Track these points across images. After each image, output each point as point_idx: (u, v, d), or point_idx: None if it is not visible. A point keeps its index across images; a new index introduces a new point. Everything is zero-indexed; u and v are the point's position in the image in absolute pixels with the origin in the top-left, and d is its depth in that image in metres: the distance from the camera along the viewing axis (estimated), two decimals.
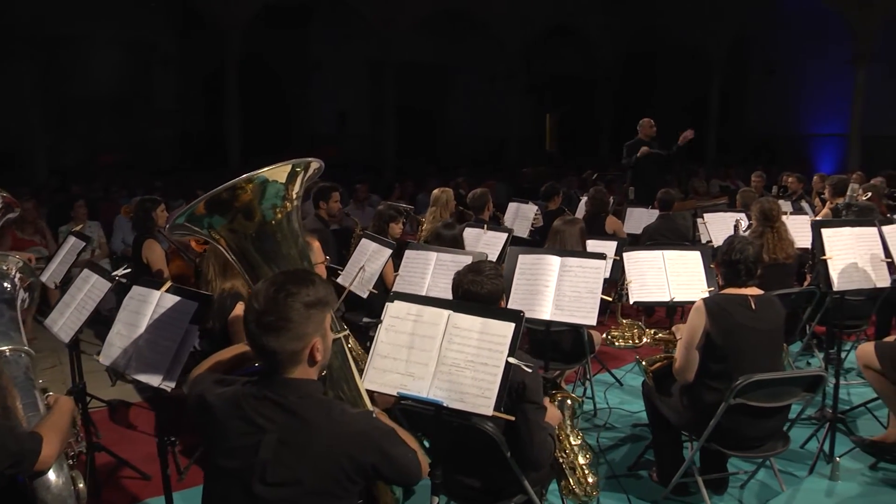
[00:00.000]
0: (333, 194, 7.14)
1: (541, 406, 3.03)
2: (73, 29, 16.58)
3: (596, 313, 3.94)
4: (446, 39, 21.28)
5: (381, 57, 19.36)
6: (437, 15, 19.81)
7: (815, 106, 21.20)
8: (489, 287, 3.13)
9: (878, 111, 19.00)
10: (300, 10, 19.80)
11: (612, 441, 5.01)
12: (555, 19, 21.45)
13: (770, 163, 19.15)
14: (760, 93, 22.70)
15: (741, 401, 3.54)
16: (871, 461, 4.47)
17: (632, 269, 4.86)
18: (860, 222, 4.86)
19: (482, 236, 6.29)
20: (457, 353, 2.87)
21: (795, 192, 11.17)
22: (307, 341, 2.15)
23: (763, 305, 3.74)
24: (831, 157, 20.55)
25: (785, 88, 21.77)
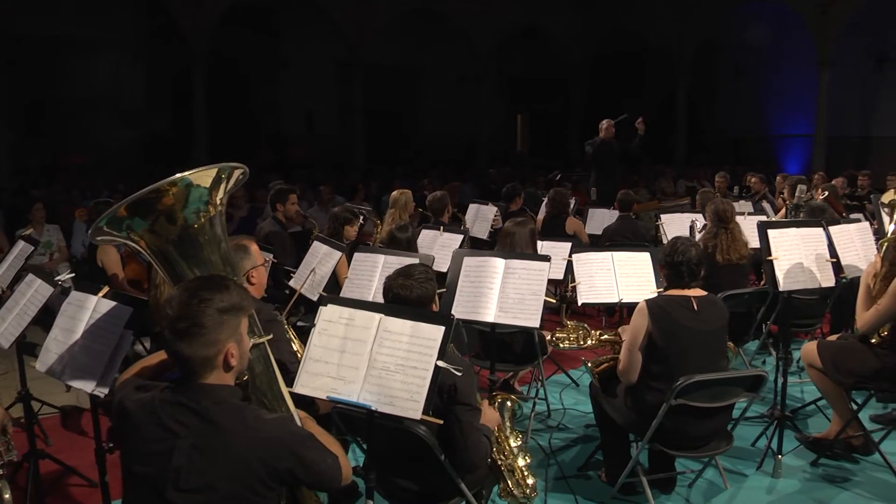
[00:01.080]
0: (290, 196, 7.10)
1: (473, 408, 3.02)
2: (38, 29, 16.39)
3: (539, 315, 3.94)
4: (416, 40, 21.31)
5: (350, 58, 19.34)
6: (407, 16, 19.82)
7: (782, 108, 21.47)
8: (419, 291, 3.12)
9: (841, 113, 19.30)
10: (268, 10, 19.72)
11: (564, 442, 5.02)
12: (524, 20, 21.51)
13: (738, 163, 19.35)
14: (729, 94, 22.94)
15: (682, 401, 3.55)
16: (815, 458, 4.50)
17: (581, 271, 4.87)
18: (806, 223, 4.89)
19: (438, 238, 6.28)
20: (387, 356, 2.86)
21: (758, 193, 11.26)
22: (220, 347, 2.13)
23: (705, 306, 3.76)
24: (798, 158, 20.80)
25: (753, 90, 22.03)
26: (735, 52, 22.32)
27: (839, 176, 14.66)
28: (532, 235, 5.14)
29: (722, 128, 23.20)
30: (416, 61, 22.08)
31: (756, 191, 11.33)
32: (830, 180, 13.64)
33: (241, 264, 3.67)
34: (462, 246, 6.07)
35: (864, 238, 5.37)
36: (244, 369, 2.30)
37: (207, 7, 16.64)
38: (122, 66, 18.65)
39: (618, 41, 22.72)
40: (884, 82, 19.74)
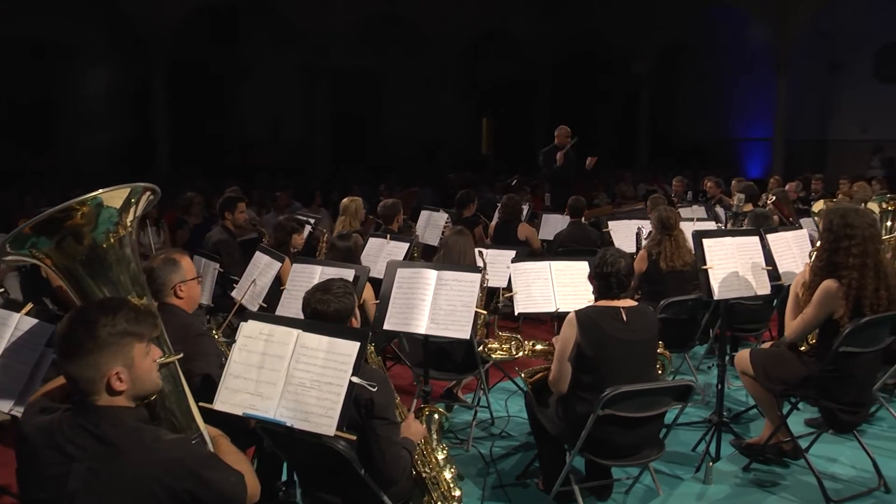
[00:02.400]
0: (239, 205, 7.08)
1: (391, 422, 3.03)
2: None
3: (470, 327, 3.96)
4: (381, 45, 21.24)
5: (313, 62, 19.27)
6: (371, 20, 19.80)
7: (743, 112, 21.76)
8: (336, 305, 3.13)
9: (799, 117, 19.59)
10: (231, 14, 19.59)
11: (506, 450, 5.04)
12: (488, 24, 21.57)
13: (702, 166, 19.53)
14: (691, 98, 23.16)
15: (610, 412, 3.58)
16: (747, 463, 4.56)
17: (518, 281, 4.89)
18: (742, 232, 4.97)
19: (385, 246, 6.27)
20: (303, 372, 2.88)
21: (713, 197, 11.38)
22: (104, 370, 2.12)
23: (634, 317, 3.79)
24: (759, 161, 21.07)
25: (715, 94, 22.27)
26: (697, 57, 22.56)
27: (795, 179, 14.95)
28: (471, 245, 5.16)
29: (684, 131, 23.43)
30: (382, 65, 22.02)
31: (712, 195, 11.44)
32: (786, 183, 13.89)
33: (169, 278, 3.65)
34: (408, 254, 6.08)
35: (801, 245, 5.47)
36: (146, 392, 2.28)
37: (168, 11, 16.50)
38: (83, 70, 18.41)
39: (581, 45, 22.87)
40: (837, 87, 20.08)
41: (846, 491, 4.29)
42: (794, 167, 18.19)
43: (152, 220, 9.22)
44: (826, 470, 4.55)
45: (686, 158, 21.76)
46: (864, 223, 3.95)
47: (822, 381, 4.00)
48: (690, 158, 21.71)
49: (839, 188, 12.86)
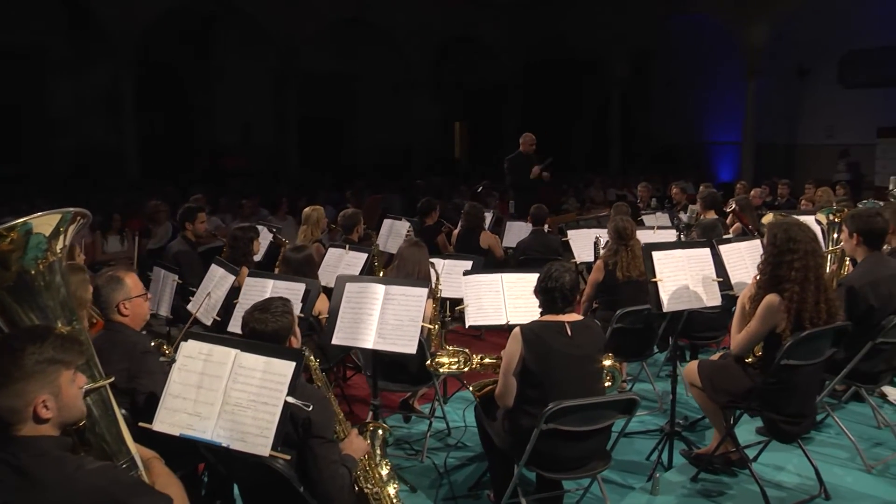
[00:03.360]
0: (199, 215, 7.08)
1: (329, 440, 3.05)
2: None
3: (416, 341, 3.98)
4: (351, 49, 21.23)
5: (284, 67, 19.22)
6: (341, 25, 19.78)
7: (714, 116, 21.98)
8: (274, 325, 3.14)
9: (768, 121, 19.84)
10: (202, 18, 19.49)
11: (460, 461, 5.06)
12: (459, 28, 21.62)
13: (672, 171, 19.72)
14: (663, 103, 23.34)
15: (553, 426, 3.61)
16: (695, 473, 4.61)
17: (469, 293, 4.92)
18: (692, 244, 5.03)
19: (344, 256, 6.28)
20: (240, 392, 2.90)
21: (679, 203, 11.46)
22: (28, 399, 2.12)
23: (579, 331, 3.82)
24: (730, 165, 21.28)
25: (685, 98, 22.47)
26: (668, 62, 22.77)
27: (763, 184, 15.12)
28: (425, 257, 5.18)
29: (656, 135, 23.62)
30: (352, 70, 21.98)
31: (677, 201, 11.53)
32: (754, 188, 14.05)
33: (112, 296, 3.66)
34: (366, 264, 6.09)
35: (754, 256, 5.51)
36: (72, 419, 2.29)
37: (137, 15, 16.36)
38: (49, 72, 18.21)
39: (553, 50, 22.98)
40: (805, 92, 20.35)
41: (789, 499, 4.38)
42: (764, 171, 18.44)
43: (116, 228, 9.18)
44: (772, 478, 4.63)
45: (658, 162, 21.98)
46: (807, 238, 4.01)
47: (765, 393, 4.06)
48: (662, 162, 21.93)
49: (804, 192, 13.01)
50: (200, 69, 20.05)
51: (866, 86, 19.01)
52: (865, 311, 4.67)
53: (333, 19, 19.33)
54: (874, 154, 18.18)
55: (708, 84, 21.69)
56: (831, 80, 19.90)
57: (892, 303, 4.73)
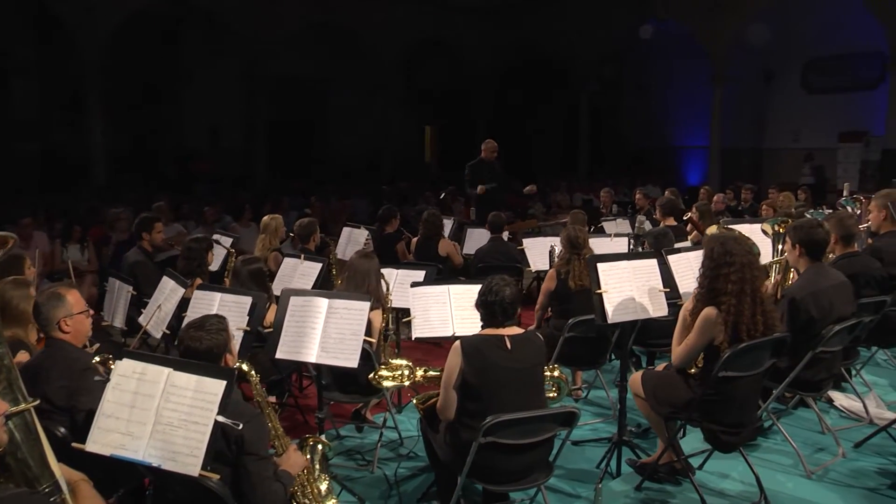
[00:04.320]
0: (156, 225, 7.05)
1: (262, 457, 3.06)
2: None
3: (358, 355, 4.00)
4: (322, 53, 21.22)
5: (253, 71, 19.17)
6: (311, 28, 19.76)
7: (682, 120, 22.21)
8: (208, 343, 3.16)
9: (735, 126, 20.08)
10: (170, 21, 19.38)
11: (411, 471, 5.08)
12: (429, 33, 21.68)
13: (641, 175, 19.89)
14: (632, 108, 23.54)
15: (492, 439, 3.64)
16: (639, 482, 4.67)
17: (416, 304, 4.94)
18: (638, 255, 5.08)
19: (299, 266, 6.29)
20: (172, 411, 2.91)
21: (642, 208, 11.55)
22: None
23: (519, 345, 3.86)
24: (698, 169, 21.52)
25: (654, 103, 22.70)
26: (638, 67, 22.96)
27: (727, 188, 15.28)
28: (374, 269, 5.21)
29: (626, 140, 23.81)
30: (323, 73, 21.98)
31: (640, 207, 11.62)
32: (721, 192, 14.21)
33: (53, 314, 3.66)
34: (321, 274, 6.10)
35: None
36: None
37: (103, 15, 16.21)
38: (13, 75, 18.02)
39: (523, 55, 23.11)
40: (772, 97, 20.62)
41: None
42: (731, 174, 18.66)
43: (76, 237, 9.12)
44: (716, 486, 4.70)
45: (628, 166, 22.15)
46: (743, 251, 4.08)
47: (704, 405, 4.12)
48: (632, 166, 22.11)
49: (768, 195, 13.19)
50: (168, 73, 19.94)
51: (828, 91, 19.33)
52: (806, 322, 4.75)
53: (303, 23, 19.31)
54: (836, 158, 18.45)
55: (676, 89, 21.96)
56: (795, 86, 20.23)
57: (833, 313, 4.81)
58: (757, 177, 19.48)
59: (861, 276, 5.68)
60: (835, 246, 5.77)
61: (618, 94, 23.76)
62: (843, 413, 6.01)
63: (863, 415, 5.85)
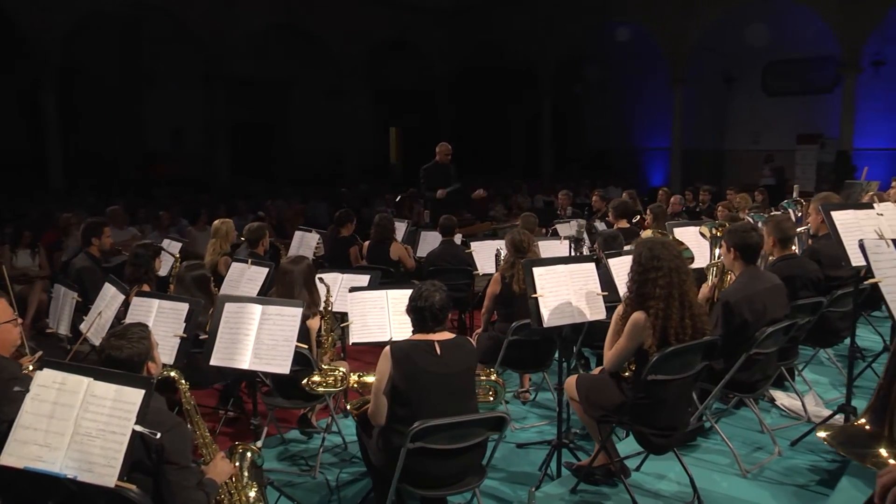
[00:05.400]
0: (105, 230, 7.01)
1: (183, 466, 3.07)
2: None
3: (290, 361, 4.02)
4: (284, 54, 21.16)
5: (215, 71, 19.07)
6: (274, 30, 19.70)
7: (645, 122, 22.44)
8: (129, 351, 3.16)
9: (698, 127, 20.34)
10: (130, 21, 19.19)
11: (353, 476, 5.11)
12: (391, 34, 21.70)
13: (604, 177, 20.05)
14: (595, 109, 23.72)
15: (421, 444, 3.68)
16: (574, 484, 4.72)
17: (354, 310, 4.97)
18: (575, 259, 5.14)
19: (246, 271, 6.29)
20: (91, 421, 2.90)
21: (599, 210, 11.66)
22: None
23: (449, 350, 3.89)
24: (661, 170, 21.75)
25: (617, 105, 22.90)
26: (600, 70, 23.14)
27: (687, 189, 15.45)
28: (309, 273, 5.23)
29: (590, 142, 24.00)
30: (286, 75, 21.92)
31: (597, 209, 11.72)
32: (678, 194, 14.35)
33: None
34: (267, 279, 6.10)
35: None
36: None
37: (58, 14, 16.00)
38: None
39: (487, 56, 23.21)
40: (732, 99, 20.90)
41: None
42: (693, 176, 18.91)
43: (26, 242, 9.03)
44: (652, 487, 4.76)
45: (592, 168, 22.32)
46: (670, 255, 4.14)
47: (635, 408, 4.18)
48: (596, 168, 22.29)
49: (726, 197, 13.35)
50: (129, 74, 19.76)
51: (787, 94, 19.64)
52: (740, 325, 4.83)
53: (265, 25, 19.26)
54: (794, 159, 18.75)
55: (638, 91, 22.19)
56: (756, 88, 20.52)
57: (766, 316, 4.89)
58: (719, 178, 19.74)
59: (798, 278, 5.79)
60: (773, 248, 5.87)
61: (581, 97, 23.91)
62: (783, 412, 6.11)
63: (802, 413, 5.94)
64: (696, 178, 17.64)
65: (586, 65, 23.22)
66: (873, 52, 17.17)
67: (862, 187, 10.72)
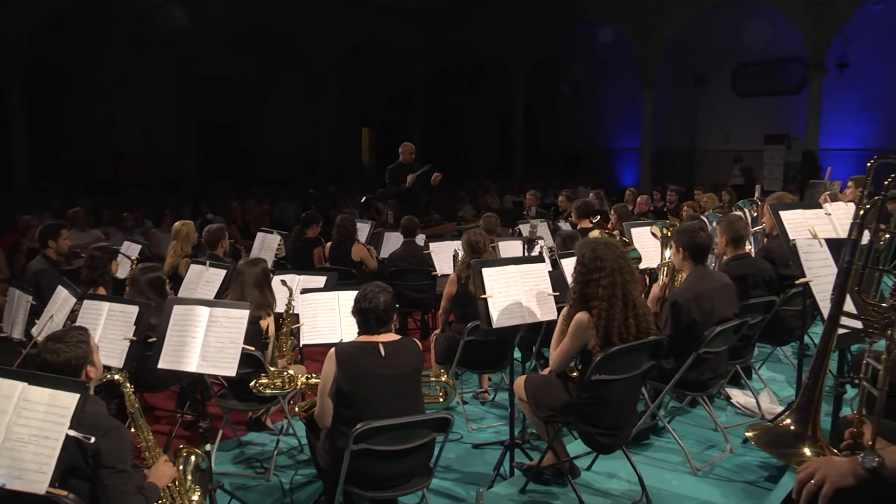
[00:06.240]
0: (62, 232, 6.96)
1: (120, 471, 3.05)
2: None
3: (237, 364, 4.02)
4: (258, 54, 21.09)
5: (186, 72, 18.98)
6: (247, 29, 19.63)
7: (616, 123, 22.58)
8: (66, 356, 3.16)
9: (669, 128, 20.51)
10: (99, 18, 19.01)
11: (307, 478, 5.11)
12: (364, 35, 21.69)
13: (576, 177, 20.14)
14: (567, 110, 23.83)
15: (364, 446, 3.70)
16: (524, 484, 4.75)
17: (305, 311, 4.98)
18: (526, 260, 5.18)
19: (204, 273, 6.28)
20: (23, 427, 2.88)
21: (565, 211, 11.71)
22: None
23: (394, 351, 3.91)
24: (633, 170, 21.89)
25: (589, 106, 23.03)
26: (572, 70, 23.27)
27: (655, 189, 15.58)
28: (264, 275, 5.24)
29: (562, 142, 24.10)
30: (260, 75, 21.86)
31: (563, 209, 11.77)
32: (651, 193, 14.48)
33: None
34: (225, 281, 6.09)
35: None
36: None
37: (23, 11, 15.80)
38: None
39: (458, 57, 23.26)
40: (703, 100, 21.09)
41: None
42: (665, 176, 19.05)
43: None
44: (602, 486, 4.81)
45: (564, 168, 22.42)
46: (613, 255, 4.18)
47: (580, 408, 4.22)
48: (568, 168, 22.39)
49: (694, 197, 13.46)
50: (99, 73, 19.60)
51: (756, 95, 19.85)
52: (689, 324, 4.89)
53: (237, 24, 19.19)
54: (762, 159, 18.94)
55: (610, 92, 22.32)
56: (726, 89, 20.71)
57: (715, 315, 4.96)
58: (690, 178, 19.90)
59: (751, 277, 5.87)
60: (726, 248, 5.94)
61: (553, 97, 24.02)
62: (738, 410, 6.19)
63: (756, 411, 6.02)
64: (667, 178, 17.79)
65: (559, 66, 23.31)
66: (837, 54, 17.39)
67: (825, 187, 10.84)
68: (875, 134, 17.73)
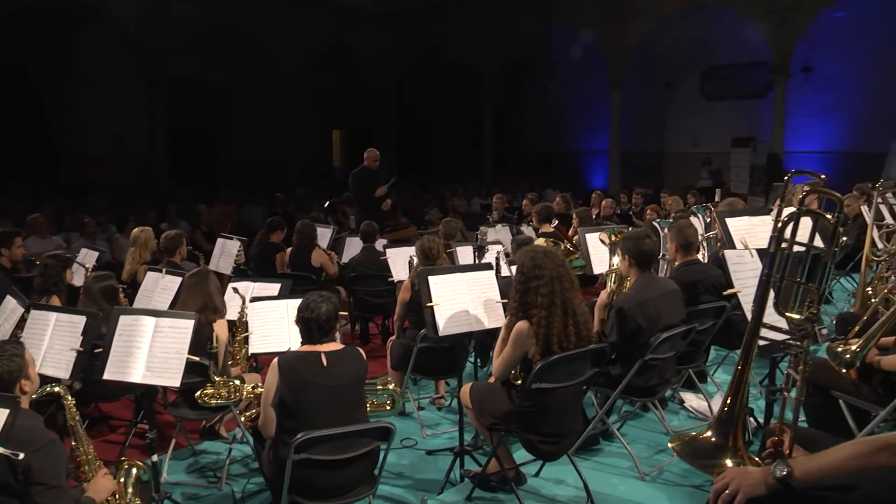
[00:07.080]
0: (15, 240, 6.94)
1: (53, 486, 3.06)
2: None
3: (181, 374, 4.04)
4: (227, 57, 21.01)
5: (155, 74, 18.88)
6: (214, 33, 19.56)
7: (585, 125, 22.74)
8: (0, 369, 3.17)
9: (635, 131, 20.67)
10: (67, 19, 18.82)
11: (260, 486, 5.10)
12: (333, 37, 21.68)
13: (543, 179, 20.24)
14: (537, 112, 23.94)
15: (305, 455, 3.73)
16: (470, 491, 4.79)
17: (254, 320, 5.00)
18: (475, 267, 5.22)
19: (160, 280, 6.27)
20: None
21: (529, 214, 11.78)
22: None
23: (336, 361, 3.95)
24: (602, 173, 22.03)
25: (559, 108, 23.15)
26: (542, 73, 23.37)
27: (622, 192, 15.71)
28: (200, 287, 5.24)
29: (531, 145, 24.21)
30: (229, 78, 21.77)
31: (527, 213, 11.84)
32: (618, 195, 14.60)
33: None
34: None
35: None
36: None
37: None
38: None
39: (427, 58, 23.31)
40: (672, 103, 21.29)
41: None
42: (634, 178, 19.23)
43: None
44: (549, 492, 4.86)
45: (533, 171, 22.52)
46: (552, 264, 4.24)
47: (522, 415, 4.27)
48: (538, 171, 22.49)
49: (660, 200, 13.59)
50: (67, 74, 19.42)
51: (724, 98, 20.08)
52: (634, 331, 4.96)
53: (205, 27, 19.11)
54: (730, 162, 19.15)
55: (579, 94, 22.45)
56: (695, 92, 20.91)
57: (660, 321, 5.03)
58: (658, 180, 20.09)
59: (700, 283, 5.94)
60: (676, 254, 6.01)
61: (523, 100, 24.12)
62: (691, 413, 6.27)
63: (709, 414, 6.11)
64: (636, 181, 17.95)
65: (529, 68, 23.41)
66: (802, 58, 17.61)
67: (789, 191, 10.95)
68: (839, 137, 18.00)
